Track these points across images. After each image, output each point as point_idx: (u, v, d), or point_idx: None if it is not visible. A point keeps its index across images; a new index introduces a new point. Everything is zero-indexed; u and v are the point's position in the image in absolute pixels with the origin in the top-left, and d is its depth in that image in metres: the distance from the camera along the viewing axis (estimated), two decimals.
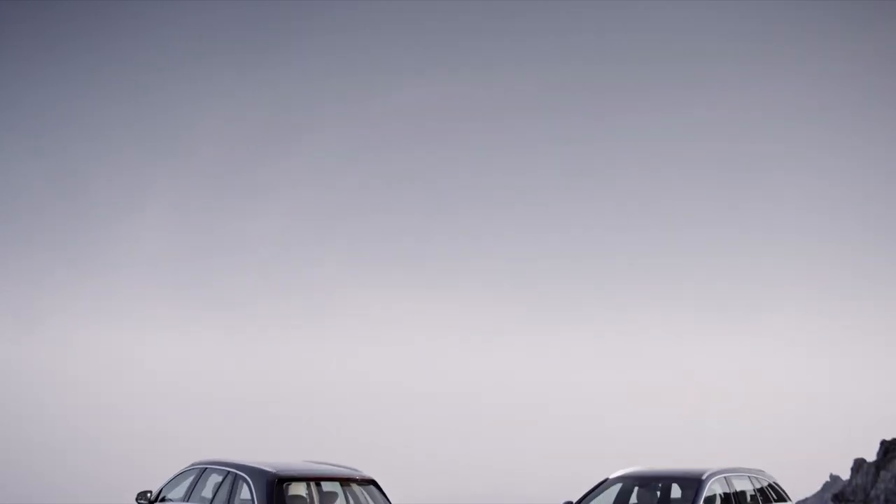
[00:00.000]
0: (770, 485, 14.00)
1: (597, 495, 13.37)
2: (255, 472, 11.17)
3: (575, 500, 13.34)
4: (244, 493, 11.12)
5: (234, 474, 11.46)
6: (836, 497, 47.76)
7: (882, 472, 44.63)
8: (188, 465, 12.65)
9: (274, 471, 11.09)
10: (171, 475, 12.85)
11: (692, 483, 12.68)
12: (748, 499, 13.29)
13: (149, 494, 12.76)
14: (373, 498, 11.44)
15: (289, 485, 11.04)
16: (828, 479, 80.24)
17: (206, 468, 12.16)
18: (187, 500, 12.01)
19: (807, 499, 77.98)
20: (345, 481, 11.47)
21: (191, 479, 12.32)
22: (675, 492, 12.93)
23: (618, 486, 13.39)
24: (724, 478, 13.08)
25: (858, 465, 47.28)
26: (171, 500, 12.41)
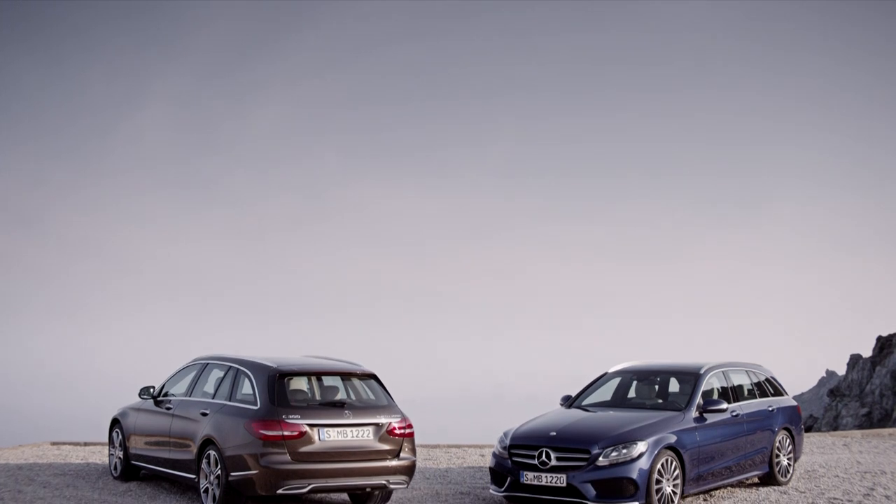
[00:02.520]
0: (767, 379, 14.12)
1: (595, 389, 13.49)
2: (256, 367, 11.25)
3: (574, 394, 13.46)
4: (245, 387, 11.22)
5: (235, 369, 11.54)
6: (831, 392, 48.33)
7: (877, 368, 45.07)
8: (190, 360, 12.74)
9: (275, 365, 11.16)
10: (172, 371, 12.96)
11: (690, 377, 12.79)
12: (745, 393, 13.41)
13: (151, 389, 12.88)
14: (373, 392, 11.54)
15: (290, 379, 11.13)
16: (824, 375, 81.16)
17: (208, 363, 12.25)
18: (189, 395, 12.12)
19: (803, 393, 78.99)
20: (345, 375, 11.56)
21: (193, 374, 12.42)
22: (673, 385, 13.05)
23: (616, 381, 13.51)
24: (722, 372, 13.18)
25: (854, 360, 47.72)
26: (173, 395, 12.52)
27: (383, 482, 11.03)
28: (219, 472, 10.84)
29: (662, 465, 11.26)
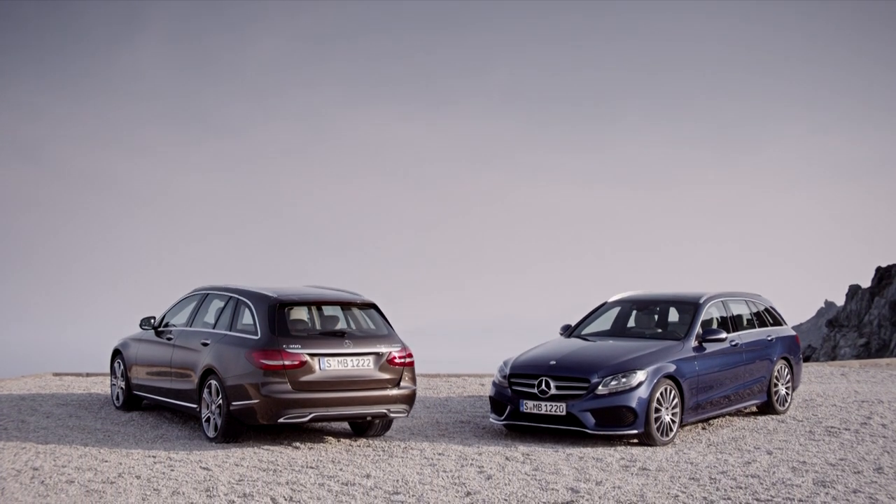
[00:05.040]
0: (766, 309, 14.14)
1: (595, 319, 13.51)
2: (256, 297, 11.24)
3: (573, 324, 13.49)
4: (246, 317, 11.23)
5: (235, 299, 11.54)
6: (830, 322, 48.52)
7: (876, 299, 45.19)
8: (190, 291, 12.74)
9: (275, 295, 11.16)
10: (173, 301, 12.96)
11: (689, 306, 12.80)
12: (744, 322, 13.44)
13: (152, 320, 12.89)
14: (373, 321, 11.55)
15: (290, 309, 11.13)
16: (822, 305, 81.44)
17: (209, 294, 12.25)
18: (190, 325, 12.14)
19: (802, 324, 79.34)
20: (346, 305, 11.57)
21: (193, 304, 12.43)
22: (673, 315, 13.07)
23: (616, 310, 13.53)
24: (722, 302, 13.19)
25: (853, 291, 47.83)
26: (174, 325, 12.53)
27: (383, 411, 11.10)
28: (220, 401, 10.90)
29: (661, 393, 11.32)
